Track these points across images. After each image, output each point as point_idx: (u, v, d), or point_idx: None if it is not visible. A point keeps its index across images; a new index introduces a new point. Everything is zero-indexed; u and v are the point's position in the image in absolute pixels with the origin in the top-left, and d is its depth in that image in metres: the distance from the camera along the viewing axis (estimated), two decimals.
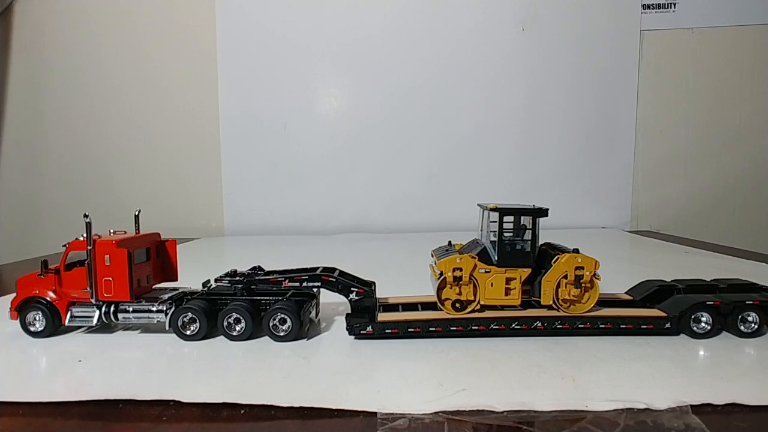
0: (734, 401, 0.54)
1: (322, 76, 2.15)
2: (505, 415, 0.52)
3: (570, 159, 2.14)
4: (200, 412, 0.54)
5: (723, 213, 2.13)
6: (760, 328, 0.74)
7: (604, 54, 2.09)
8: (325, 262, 0.89)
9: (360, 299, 0.77)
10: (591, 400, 0.54)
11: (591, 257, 0.75)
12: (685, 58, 2.09)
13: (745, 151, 2.10)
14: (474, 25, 2.09)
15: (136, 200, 2.12)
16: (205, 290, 0.83)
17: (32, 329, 0.78)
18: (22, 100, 2.21)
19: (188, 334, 0.76)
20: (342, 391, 0.58)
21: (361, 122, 2.16)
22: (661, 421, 0.50)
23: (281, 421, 0.53)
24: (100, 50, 2.16)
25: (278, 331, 0.75)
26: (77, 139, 2.20)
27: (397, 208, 2.16)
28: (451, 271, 0.75)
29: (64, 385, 0.61)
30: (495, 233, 0.77)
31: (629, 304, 0.83)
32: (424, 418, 0.51)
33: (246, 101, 2.15)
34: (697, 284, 0.84)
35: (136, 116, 2.18)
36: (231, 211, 2.20)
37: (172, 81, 2.16)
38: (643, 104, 2.11)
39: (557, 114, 2.12)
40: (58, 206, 2.21)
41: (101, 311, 0.78)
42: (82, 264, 0.77)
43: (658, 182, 2.15)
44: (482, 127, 2.13)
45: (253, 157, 2.17)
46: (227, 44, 2.13)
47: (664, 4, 2.07)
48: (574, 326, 0.75)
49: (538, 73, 2.11)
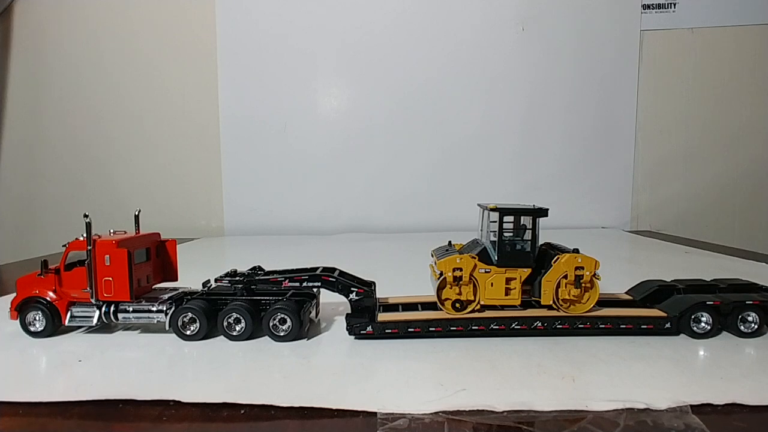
0: (734, 401, 0.54)
1: (322, 76, 2.15)
2: (505, 415, 0.52)
3: (570, 159, 2.14)
4: (200, 412, 0.54)
5: (723, 213, 2.13)
6: (760, 328, 0.74)
7: (604, 54, 2.09)
8: (325, 262, 0.89)
9: (360, 299, 0.77)
10: (591, 400, 0.54)
11: (591, 257, 0.75)
12: (685, 58, 2.09)
13: (745, 151, 2.10)
14: (474, 25, 2.10)
15: (136, 200, 2.12)
16: (205, 290, 0.83)
17: (32, 329, 0.78)
18: (22, 100, 2.21)
19: (188, 334, 0.76)
20: (342, 391, 0.58)
21: (361, 122, 2.16)
22: (661, 421, 0.50)
23: (281, 421, 0.53)
24: (100, 50, 2.16)
25: (278, 331, 0.75)
26: (77, 139, 2.20)
27: (397, 208, 2.16)
28: (451, 271, 0.75)
29: (64, 385, 0.61)
30: (495, 233, 0.77)
31: (629, 304, 0.83)
32: (424, 418, 0.51)
33: (246, 101, 2.15)
34: (697, 284, 0.84)
35: (136, 116, 2.18)
36: (231, 211, 2.20)
37: (172, 81, 2.16)
38: (643, 104, 2.11)
39: (557, 114, 2.12)
40: (58, 206, 2.21)
41: (101, 311, 0.78)
42: (82, 264, 0.77)
43: (658, 182, 2.15)
44: (482, 126, 2.13)
45: (253, 157, 2.17)
46: (227, 44, 2.13)
47: (664, 4, 2.07)
48: (574, 326, 0.75)
49: (538, 73, 2.11)
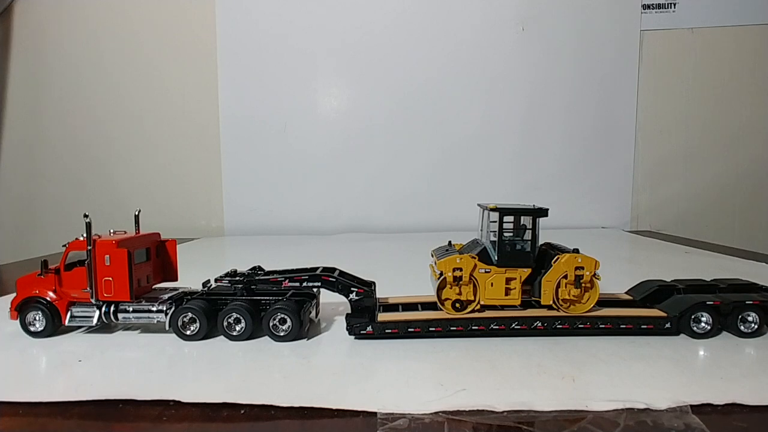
0: (734, 401, 0.54)
1: (322, 76, 2.15)
2: (505, 415, 0.52)
3: (570, 159, 2.14)
4: (200, 412, 0.54)
5: (723, 213, 2.13)
6: (760, 328, 0.74)
7: (604, 54, 2.09)
8: (325, 262, 0.89)
9: (360, 299, 0.77)
10: (591, 400, 0.54)
11: (591, 257, 0.75)
12: (685, 58, 2.09)
13: (745, 151, 2.10)
14: (474, 25, 2.09)
15: (136, 200, 2.12)
16: (205, 290, 0.83)
17: (32, 329, 0.78)
18: (22, 100, 2.21)
19: (188, 334, 0.76)
20: (342, 391, 0.58)
21: (361, 122, 2.16)
22: (661, 421, 0.50)
23: (281, 421, 0.53)
24: (100, 50, 2.16)
25: (278, 331, 0.75)
26: (77, 139, 2.20)
27: (397, 208, 2.16)
28: (451, 271, 0.75)
29: (64, 385, 0.61)
30: (495, 233, 0.77)
31: (629, 304, 0.83)
32: (424, 418, 0.51)
33: (246, 101, 2.15)
34: (697, 284, 0.84)
35: (136, 116, 2.18)
36: (231, 211, 2.20)
37: (172, 81, 2.16)
38: (643, 104, 2.11)
39: (557, 114, 2.12)
40: (58, 206, 2.21)
41: (101, 311, 0.78)
42: (82, 264, 0.77)
43: (658, 182, 2.15)
44: (482, 126, 2.13)
45: (253, 157, 2.17)
46: (227, 44, 2.13)
47: (664, 4, 2.07)
48: (574, 326, 0.75)
49: (538, 73, 2.11)
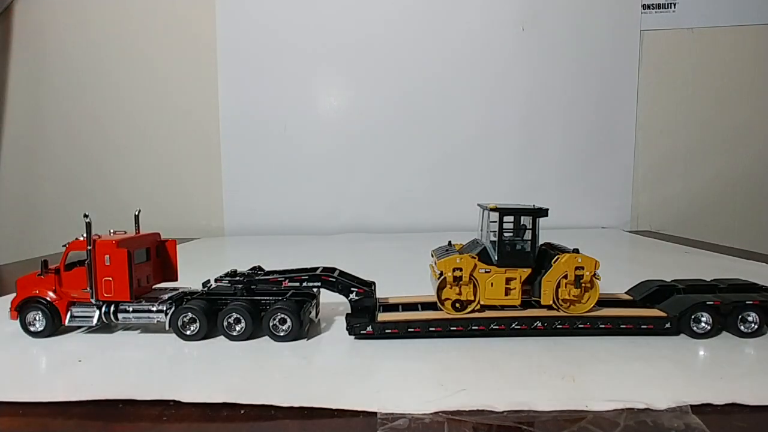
0: (734, 401, 0.54)
1: (322, 77, 2.15)
2: (505, 415, 0.52)
3: (570, 159, 2.14)
4: (200, 412, 0.54)
5: (723, 213, 2.13)
6: (760, 328, 0.74)
7: (604, 54, 2.09)
8: (325, 262, 0.89)
9: (360, 299, 0.77)
10: (591, 400, 0.54)
11: (591, 257, 0.75)
12: (685, 58, 2.09)
13: (745, 151, 2.10)
14: (474, 25, 2.09)
15: (136, 200, 2.11)
16: (205, 290, 0.83)
17: (32, 329, 0.78)
18: (22, 100, 2.21)
19: (188, 334, 0.76)
20: (342, 391, 0.57)
21: (361, 122, 2.16)
22: (661, 421, 0.50)
23: (281, 421, 0.53)
24: (100, 50, 2.16)
25: (278, 331, 0.75)
26: (77, 139, 2.20)
27: (397, 208, 2.16)
28: (451, 271, 0.75)
29: (64, 385, 0.61)
30: (495, 233, 0.77)
31: (629, 304, 0.83)
32: (424, 418, 0.51)
33: (246, 101, 2.15)
34: (697, 284, 0.84)
35: (135, 116, 2.18)
36: (231, 211, 2.20)
37: (172, 81, 2.16)
38: (643, 104, 2.11)
39: (557, 114, 2.12)
40: (58, 206, 2.21)
41: (101, 311, 0.78)
42: (82, 264, 0.77)
43: (658, 182, 2.15)
44: (482, 127, 2.13)
45: (253, 157, 2.16)
46: (227, 44, 2.13)
47: (664, 4, 2.06)
48: (574, 326, 0.75)
49: (538, 73, 2.11)
